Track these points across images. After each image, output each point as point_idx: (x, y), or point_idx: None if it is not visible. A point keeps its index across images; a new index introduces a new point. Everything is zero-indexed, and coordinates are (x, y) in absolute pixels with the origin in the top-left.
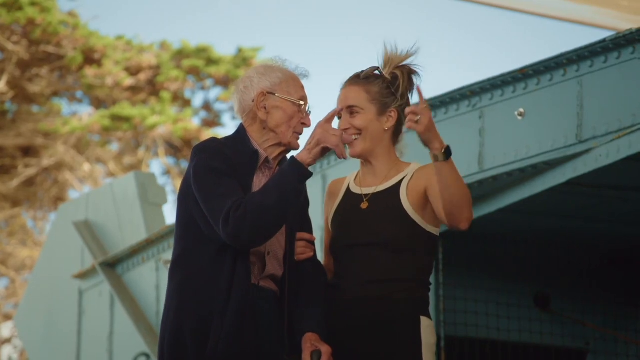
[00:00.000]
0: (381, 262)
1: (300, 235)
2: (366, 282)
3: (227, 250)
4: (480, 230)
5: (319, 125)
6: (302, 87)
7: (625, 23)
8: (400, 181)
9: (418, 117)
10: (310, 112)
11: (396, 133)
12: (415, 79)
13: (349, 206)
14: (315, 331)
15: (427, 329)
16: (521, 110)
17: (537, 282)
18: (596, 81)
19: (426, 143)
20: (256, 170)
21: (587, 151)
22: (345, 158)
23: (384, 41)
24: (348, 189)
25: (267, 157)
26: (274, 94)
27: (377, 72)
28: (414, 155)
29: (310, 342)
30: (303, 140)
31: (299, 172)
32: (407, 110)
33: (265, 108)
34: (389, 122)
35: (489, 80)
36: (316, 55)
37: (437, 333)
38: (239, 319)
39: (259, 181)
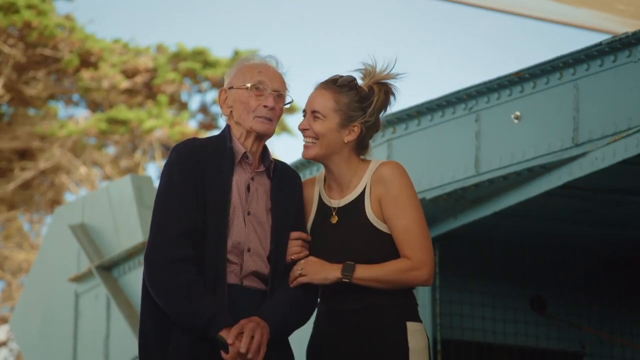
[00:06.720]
0: None
1: (296, 234)
2: (349, 295)
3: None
4: (476, 233)
5: None
6: (260, 72)
7: (621, 27)
8: (363, 191)
9: (300, 270)
10: (264, 88)
11: (360, 146)
12: (392, 100)
13: (321, 220)
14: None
15: (415, 333)
16: (517, 113)
17: (532, 285)
18: (592, 84)
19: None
20: (235, 166)
21: (583, 154)
22: None
23: (371, 54)
24: (320, 200)
25: (245, 153)
26: (232, 88)
27: (353, 82)
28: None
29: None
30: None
31: (210, 326)
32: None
33: (226, 104)
34: (350, 135)
35: (485, 83)
36: (313, 57)
37: (433, 336)
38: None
39: (239, 177)
